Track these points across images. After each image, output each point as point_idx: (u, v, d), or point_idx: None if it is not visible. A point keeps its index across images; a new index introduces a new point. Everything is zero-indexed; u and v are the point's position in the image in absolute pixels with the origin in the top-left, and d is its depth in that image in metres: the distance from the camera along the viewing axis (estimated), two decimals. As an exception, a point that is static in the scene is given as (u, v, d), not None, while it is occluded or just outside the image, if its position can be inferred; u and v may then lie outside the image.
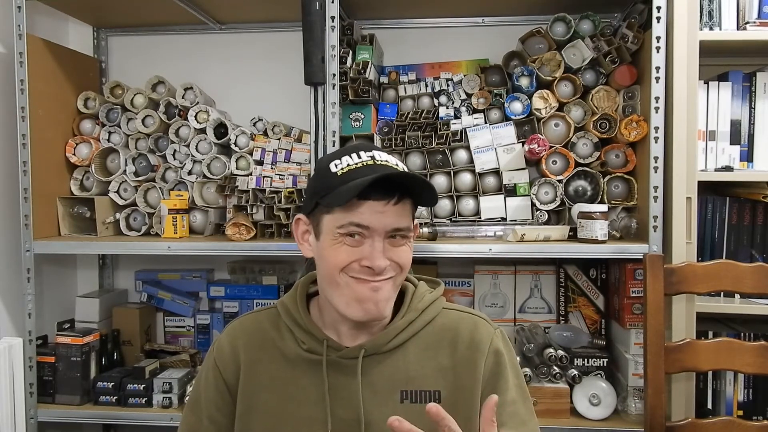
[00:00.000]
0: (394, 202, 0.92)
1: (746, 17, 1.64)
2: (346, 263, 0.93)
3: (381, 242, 0.92)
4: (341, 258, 0.93)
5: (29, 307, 1.76)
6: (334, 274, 0.94)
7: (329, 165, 0.96)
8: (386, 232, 0.93)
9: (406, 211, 0.95)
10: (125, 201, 1.94)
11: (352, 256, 0.92)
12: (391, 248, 0.94)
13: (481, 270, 1.94)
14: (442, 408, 0.77)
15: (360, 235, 0.92)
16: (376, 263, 0.91)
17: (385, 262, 0.92)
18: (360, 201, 0.91)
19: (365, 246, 0.92)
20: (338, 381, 0.97)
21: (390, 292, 0.95)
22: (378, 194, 0.91)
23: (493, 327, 1.03)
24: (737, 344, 1.42)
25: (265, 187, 1.82)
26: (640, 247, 1.58)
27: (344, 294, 0.94)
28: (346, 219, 0.92)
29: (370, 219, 0.91)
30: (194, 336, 2.11)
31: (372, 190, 0.90)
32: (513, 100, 1.80)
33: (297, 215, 1.03)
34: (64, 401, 1.81)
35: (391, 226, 0.93)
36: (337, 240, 0.93)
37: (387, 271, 0.93)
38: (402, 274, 0.97)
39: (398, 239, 0.94)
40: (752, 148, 1.69)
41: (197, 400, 1.05)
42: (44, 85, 1.83)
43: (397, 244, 0.94)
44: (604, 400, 1.66)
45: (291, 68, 1.95)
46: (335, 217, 0.93)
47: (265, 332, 1.04)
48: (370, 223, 0.91)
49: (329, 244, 0.94)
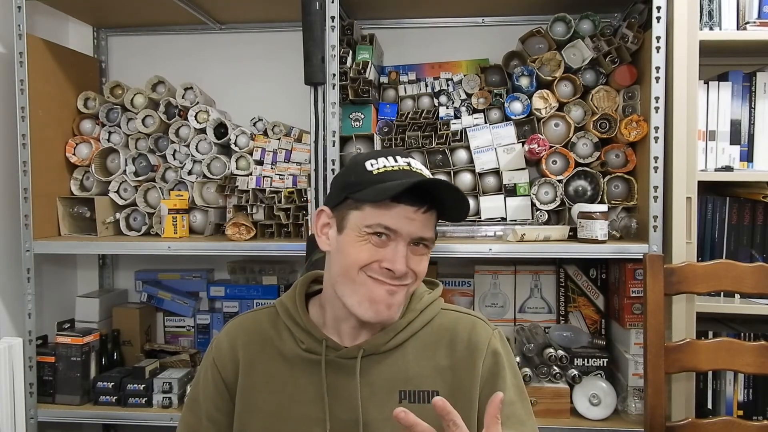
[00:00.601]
0: (423, 210, 0.93)
1: (746, 17, 1.64)
2: (368, 262, 0.93)
3: (404, 247, 0.93)
4: (363, 256, 0.93)
5: (29, 307, 1.76)
6: (352, 271, 0.94)
7: (365, 163, 0.96)
8: (411, 238, 0.93)
9: (432, 222, 0.95)
10: (125, 201, 1.94)
11: (374, 256, 0.93)
12: (412, 256, 0.94)
13: (481, 270, 1.93)
14: (447, 402, 0.77)
15: (386, 236, 0.93)
16: (397, 266, 0.92)
17: (405, 268, 0.93)
18: (392, 204, 0.92)
19: (389, 249, 0.93)
20: (337, 381, 0.97)
21: (402, 298, 0.96)
22: (410, 200, 0.92)
23: (491, 328, 1.03)
24: (737, 344, 1.42)
25: (265, 187, 1.82)
26: (640, 247, 1.58)
27: (359, 292, 0.94)
28: (376, 219, 0.92)
29: (399, 223, 0.92)
30: (194, 336, 2.11)
31: (405, 196, 0.91)
32: (513, 100, 1.80)
33: (321, 207, 1.02)
34: (64, 401, 1.81)
35: (417, 234, 0.93)
36: (362, 237, 0.93)
37: (405, 278, 0.94)
38: (416, 284, 0.98)
39: (420, 248, 0.95)
40: (752, 148, 1.69)
41: (196, 399, 1.05)
42: (44, 85, 1.83)
43: (418, 253, 0.95)
44: (604, 400, 1.66)
45: (291, 68, 1.95)
46: (364, 215, 0.93)
47: (263, 331, 1.04)
48: (399, 227, 0.92)
49: (353, 240, 0.94)
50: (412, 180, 0.90)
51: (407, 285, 0.95)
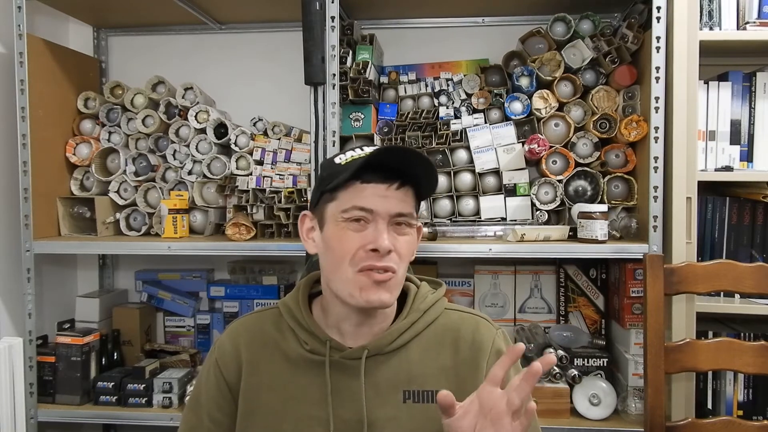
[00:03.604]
0: (396, 186, 0.93)
1: (746, 17, 1.64)
2: (353, 250, 0.93)
3: (385, 225, 0.93)
4: (347, 245, 0.93)
5: (29, 307, 1.76)
6: (341, 266, 0.94)
7: (334, 158, 0.99)
8: (390, 216, 0.93)
9: (408, 198, 0.96)
10: (125, 201, 1.94)
11: (357, 242, 0.93)
12: (396, 236, 0.94)
13: (481, 270, 1.94)
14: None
15: (364, 219, 0.93)
16: (379, 243, 0.91)
17: (389, 244, 0.92)
18: (363, 185, 0.93)
19: (369, 230, 0.93)
20: (341, 381, 0.97)
21: (394, 283, 0.95)
22: (381, 179, 0.93)
23: (495, 327, 1.04)
24: (737, 344, 1.42)
25: (265, 187, 1.82)
26: (640, 247, 1.58)
27: (349, 284, 0.94)
28: (350, 203, 0.93)
29: (374, 202, 0.92)
30: (194, 336, 2.11)
31: (375, 176, 0.92)
32: (513, 100, 1.80)
33: (303, 212, 1.04)
34: (64, 401, 1.81)
35: (394, 210, 0.93)
36: (342, 226, 0.94)
37: (391, 259, 0.93)
38: (402, 267, 0.96)
39: (403, 227, 0.95)
40: (752, 148, 1.69)
41: (198, 399, 1.05)
42: (44, 85, 1.83)
43: (401, 233, 0.95)
44: (604, 400, 1.66)
45: (291, 68, 1.95)
46: (339, 203, 0.94)
47: (267, 332, 1.04)
48: (374, 206, 0.92)
49: (334, 232, 0.95)
50: (372, 149, 0.92)
51: (395, 272, 0.94)
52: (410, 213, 0.96)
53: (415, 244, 0.99)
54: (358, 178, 0.93)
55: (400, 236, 0.95)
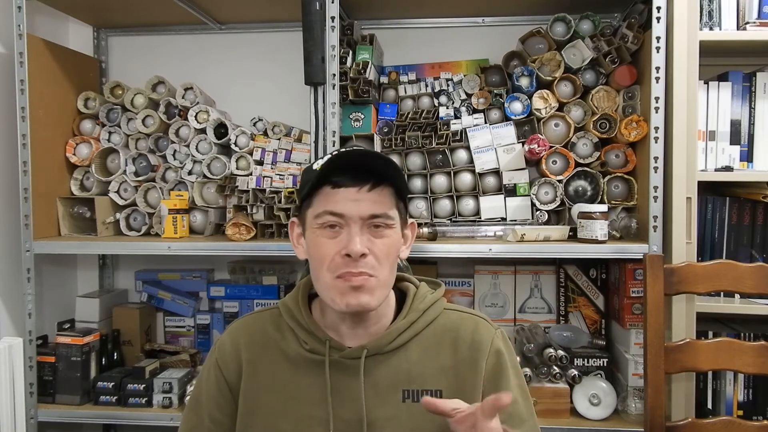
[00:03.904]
0: (368, 188, 0.92)
1: (746, 17, 1.64)
2: (329, 257, 0.92)
3: (358, 229, 0.92)
4: (323, 252, 0.93)
5: (29, 307, 1.76)
6: (321, 272, 0.94)
7: (312, 165, 0.98)
8: (362, 219, 0.92)
9: (384, 198, 0.94)
10: (125, 201, 1.94)
11: (332, 248, 0.92)
12: (373, 239, 0.93)
13: (481, 270, 1.94)
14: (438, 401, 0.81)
15: (338, 225, 0.93)
16: (350, 248, 0.90)
17: (362, 248, 0.91)
18: (334, 190, 0.92)
19: (343, 235, 0.92)
20: (340, 381, 0.98)
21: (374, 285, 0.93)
22: (351, 181, 0.92)
23: (494, 327, 1.04)
24: (737, 344, 1.42)
25: (265, 187, 1.82)
26: (640, 247, 1.58)
27: (330, 290, 0.94)
28: (322, 208, 0.93)
29: (344, 206, 0.92)
30: (194, 336, 2.11)
31: (345, 179, 0.92)
32: (513, 100, 1.80)
33: (291, 219, 1.05)
34: (64, 401, 1.81)
35: (367, 213, 0.92)
36: (316, 233, 0.94)
37: (367, 263, 0.92)
38: (383, 269, 0.94)
39: (381, 229, 0.94)
40: (752, 148, 1.69)
41: (198, 399, 1.05)
42: (44, 85, 1.83)
43: (379, 235, 0.93)
44: (604, 400, 1.66)
45: (291, 68, 1.95)
46: (314, 209, 0.95)
47: (267, 332, 1.04)
48: (344, 211, 0.92)
49: (311, 238, 0.95)
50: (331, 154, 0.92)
51: (373, 275, 0.92)
52: (384, 213, 0.93)
53: (395, 245, 0.96)
54: (329, 183, 0.93)
55: (377, 239, 0.93)
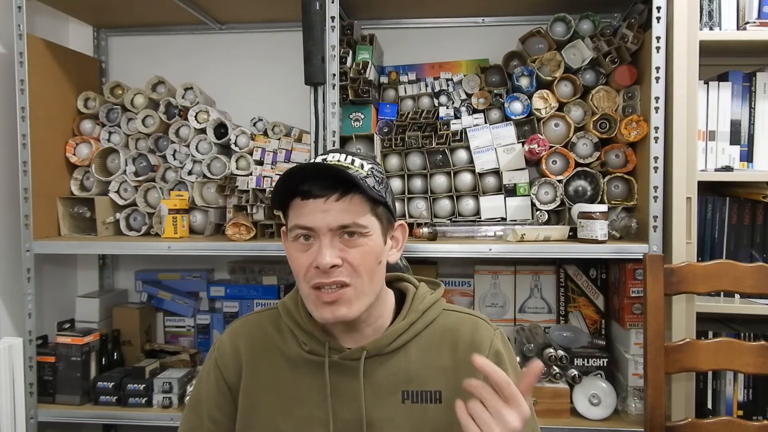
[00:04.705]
0: (335, 198, 0.90)
1: (746, 17, 1.64)
2: (304, 268, 0.92)
3: (328, 241, 0.90)
4: (297, 264, 0.93)
5: (29, 307, 1.76)
6: (299, 282, 0.94)
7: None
8: (331, 230, 0.90)
9: (354, 207, 0.90)
10: (125, 201, 1.94)
11: (305, 260, 0.91)
12: (347, 248, 0.91)
13: (481, 270, 1.94)
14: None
15: (311, 237, 0.91)
16: (319, 260, 0.89)
17: (332, 260, 0.89)
18: (303, 202, 0.91)
19: (315, 247, 0.91)
20: (340, 382, 0.98)
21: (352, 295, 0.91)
22: (319, 191, 0.90)
23: (493, 328, 1.04)
24: (737, 344, 1.42)
25: (265, 187, 1.82)
26: (640, 247, 1.58)
27: (308, 300, 0.94)
28: (293, 221, 0.92)
29: (311, 218, 0.90)
30: (194, 336, 2.11)
31: (314, 188, 0.90)
32: (513, 100, 1.80)
33: (282, 228, 1.03)
34: (64, 401, 1.81)
35: (336, 224, 0.90)
36: (291, 245, 0.94)
37: (339, 273, 0.90)
38: (360, 278, 0.92)
39: (355, 238, 0.91)
40: (752, 148, 1.69)
41: (198, 399, 1.05)
42: (44, 85, 1.83)
43: (353, 244, 0.91)
44: (604, 400, 1.66)
45: (291, 68, 1.95)
46: (289, 221, 0.94)
47: (266, 333, 1.04)
48: (312, 223, 0.90)
49: (288, 251, 0.96)
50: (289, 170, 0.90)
51: (349, 284, 0.90)
52: (354, 223, 0.90)
53: (373, 252, 0.93)
54: (299, 194, 0.91)
55: (351, 248, 0.91)
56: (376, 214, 0.94)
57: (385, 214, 0.97)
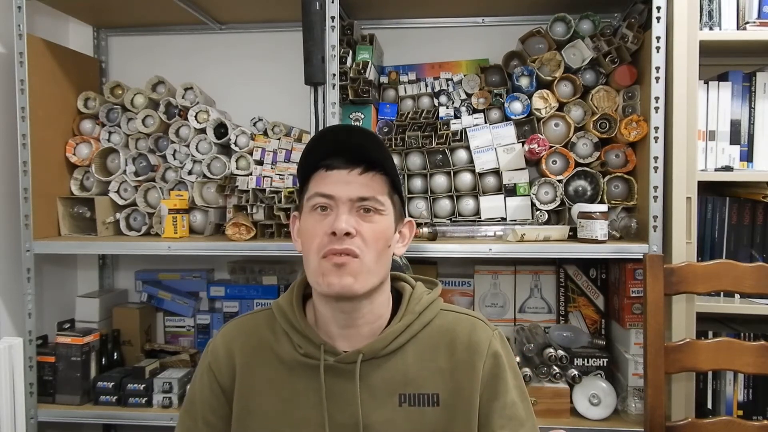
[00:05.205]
0: (359, 171, 0.94)
1: (746, 17, 1.64)
2: (318, 237, 0.93)
3: (346, 210, 0.93)
4: (312, 232, 0.94)
5: (29, 307, 1.76)
6: (309, 255, 0.95)
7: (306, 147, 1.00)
8: (351, 201, 0.94)
9: (375, 183, 0.95)
10: (125, 201, 1.94)
11: (320, 228, 0.93)
12: (361, 221, 0.94)
13: (481, 270, 1.94)
14: None
15: (329, 207, 0.94)
16: (336, 225, 0.91)
17: (347, 226, 0.91)
18: (327, 172, 0.95)
19: (332, 216, 0.94)
20: (336, 385, 0.96)
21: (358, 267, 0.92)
22: (344, 164, 0.94)
23: (491, 328, 1.02)
24: (737, 344, 1.42)
25: (265, 187, 1.82)
26: (640, 247, 1.58)
27: (316, 272, 0.94)
28: (314, 190, 0.95)
29: (334, 188, 0.94)
30: (194, 336, 2.11)
31: (337, 161, 0.94)
32: (513, 100, 1.80)
33: (293, 213, 1.06)
34: (64, 401, 1.81)
35: (356, 195, 0.93)
36: (308, 216, 0.96)
37: (353, 242, 0.92)
38: (369, 252, 0.94)
39: (371, 214, 0.95)
40: (752, 148, 1.69)
41: (192, 402, 1.04)
42: (44, 85, 1.83)
43: (368, 219, 0.94)
44: (604, 400, 1.66)
45: (291, 68, 1.95)
46: (308, 193, 0.97)
47: (260, 335, 1.02)
48: (334, 192, 0.93)
49: (304, 222, 0.97)
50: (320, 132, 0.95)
51: (358, 256, 0.92)
52: (373, 197, 0.94)
53: (385, 233, 0.96)
54: (323, 166, 0.95)
55: (366, 222, 0.94)
56: (392, 200, 0.99)
57: (399, 204, 1.01)
